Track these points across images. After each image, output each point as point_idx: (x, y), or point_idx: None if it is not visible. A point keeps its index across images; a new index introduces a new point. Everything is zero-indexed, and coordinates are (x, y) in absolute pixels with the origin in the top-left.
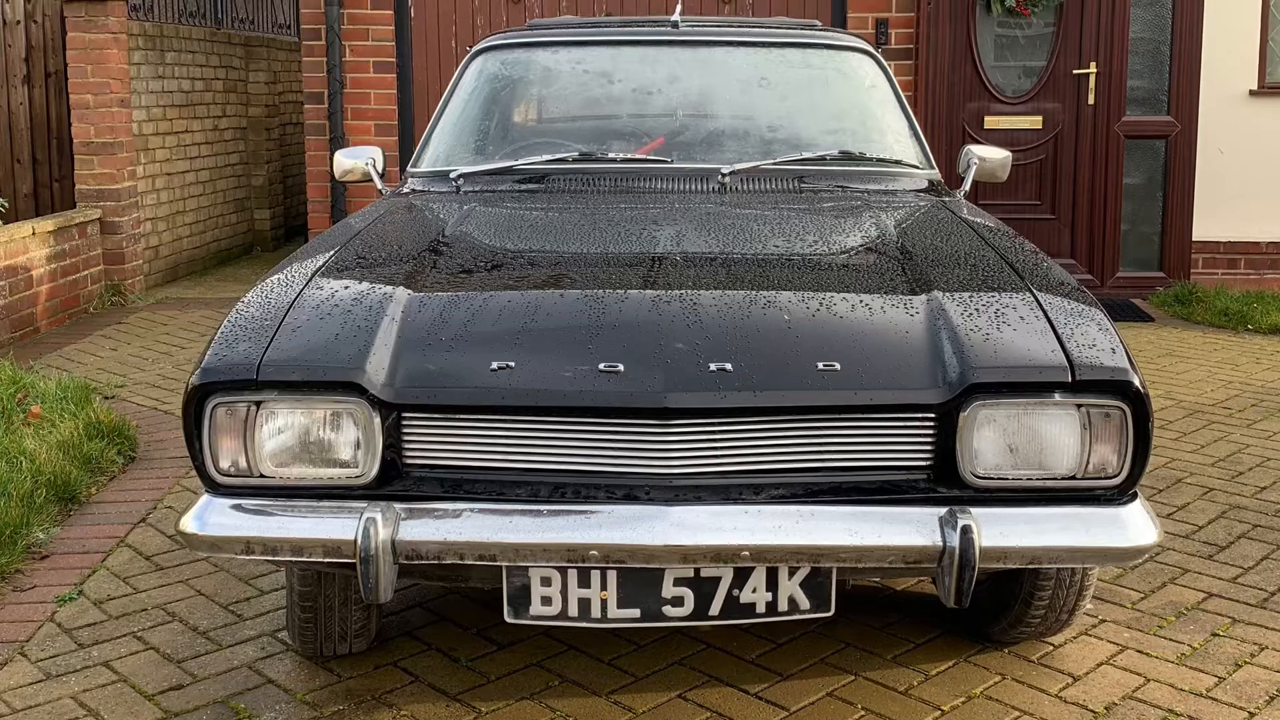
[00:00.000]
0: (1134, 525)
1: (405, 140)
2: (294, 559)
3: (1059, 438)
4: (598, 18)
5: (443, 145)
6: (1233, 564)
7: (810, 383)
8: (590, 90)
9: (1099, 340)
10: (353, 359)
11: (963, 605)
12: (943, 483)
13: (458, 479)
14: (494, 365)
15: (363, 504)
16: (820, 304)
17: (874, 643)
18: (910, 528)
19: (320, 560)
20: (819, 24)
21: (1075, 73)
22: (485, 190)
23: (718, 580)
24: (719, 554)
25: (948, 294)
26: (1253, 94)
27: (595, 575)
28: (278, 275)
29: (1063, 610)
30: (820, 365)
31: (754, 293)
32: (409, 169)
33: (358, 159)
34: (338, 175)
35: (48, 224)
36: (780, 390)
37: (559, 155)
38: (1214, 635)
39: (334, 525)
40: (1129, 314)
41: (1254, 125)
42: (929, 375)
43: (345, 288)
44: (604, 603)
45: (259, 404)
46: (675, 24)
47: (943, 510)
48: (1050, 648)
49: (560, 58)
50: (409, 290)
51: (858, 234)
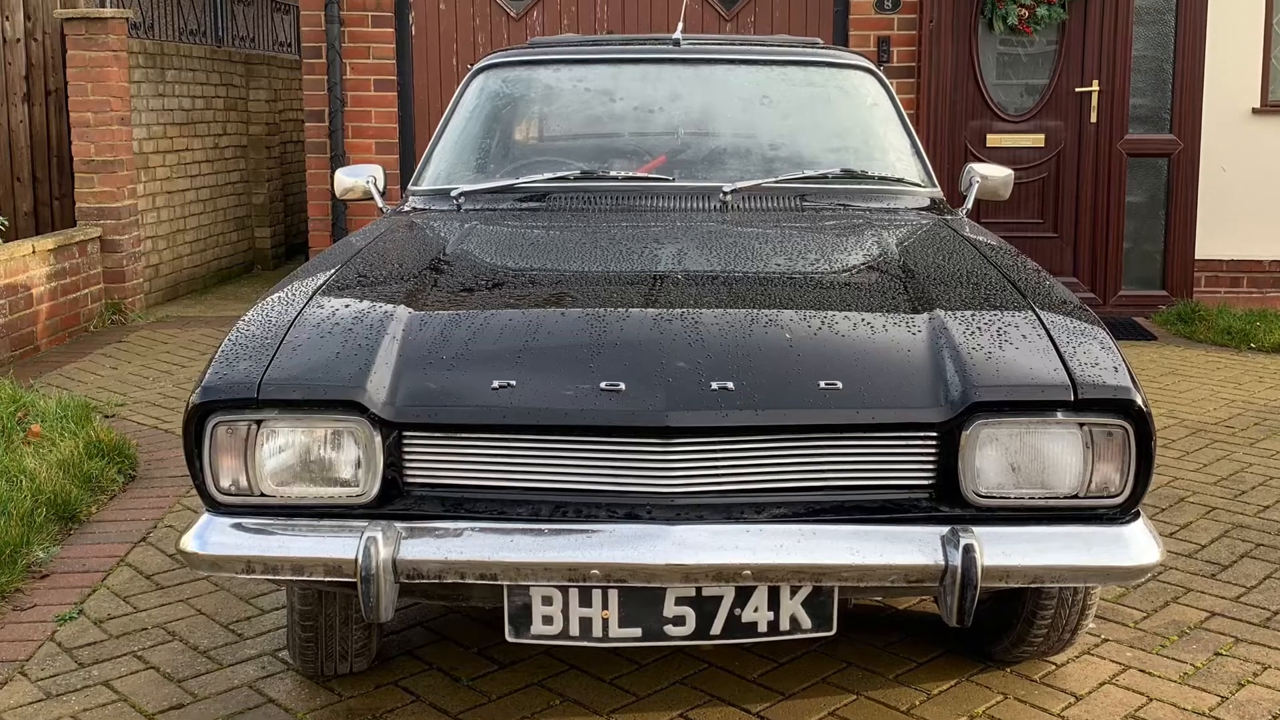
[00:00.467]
0: (1136, 544)
1: (406, 158)
2: (295, 578)
3: (1061, 456)
4: (599, 36)
5: (444, 163)
6: (1235, 583)
7: (812, 401)
8: (591, 108)
9: (1101, 359)
10: (353, 378)
11: (965, 624)
12: (945, 502)
13: (459, 498)
14: (495, 384)
15: (363, 523)
16: (822, 322)
17: (876, 662)
18: (912, 547)
19: (321, 579)
20: (821, 42)
21: (1078, 91)
22: (486, 208)
23: (719, 599)
24: (720, 573)
25: (950, 312)
26: (1255, 112)
27: (596, 594)
28: (278, 294)
29: (1065, 629)
30: (822, 384)
31: (756, 311)
32: (410, 187)
33: (358, 177)
34: (338, 193)
35: (48, 242)
36: (782, 409)
37: (560, 174)
38: (1217, 654)
39: (335, 544)
40: (1132, 333)
41: (1257, 143)
42: (931, 394)
43: (346, 306)
44: (605, 622)
45: (260, 423)
46: (677, 42)
47: (945, 529)
48: (1053, 667)
49: (561, 76)
50: (410, 309)
51: (859, 252)
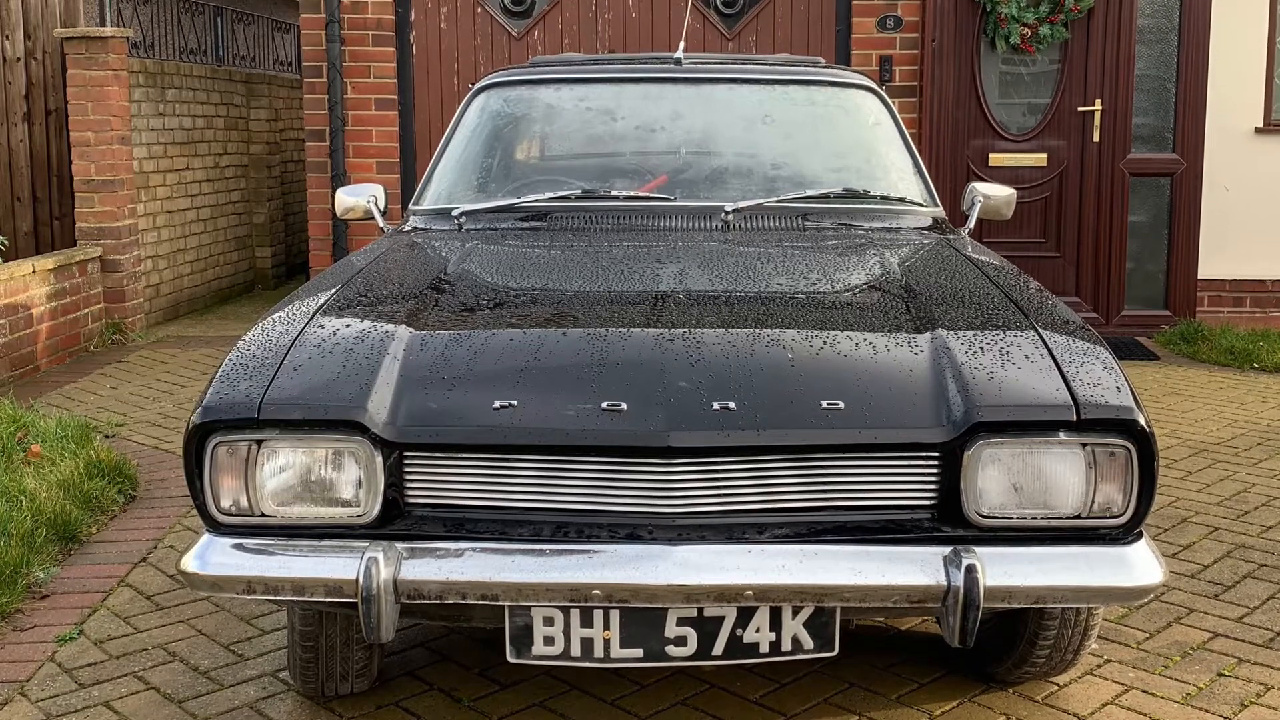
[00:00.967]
0: (1139, 564)
1: (407, 178)
2: (295, 598)
3: (1064, 477)
4: (600, 55)
5: (445, 183)
6: (1238, 603)
7: (814, 421)
8: (593, 128)
9: (1104, 379)
10: (354, 398)
11: (967, 645)
12: (947, 522)
13: (460, 518)
14: (496, 404)
15: (364, 543)
16: (824, 342)
17: (878, 683)
18: (914, 567)
19: (322, 600)
20: (823, 61)
21: (1080, 110)
22: (487, 228)
23: (721, 620)
24: (722, 594)
25: (952, 332)
26: (1258, 131)
27: (598, 615)
28: (279, 313)
29: (1068, 650)
30: (824, 404)
31: (757, 331)
32: (411, 207)
33: (359, 197)
34: (339, 213)
35: (48, 262)
36: (784, 429)
37: (561, 193)
38: (1220, 675)
39: (335, 565)
40: (1134, 352)
41: (1259, 163)
42: (933, 414)
43: (347, 326)
44: (607, 642)
45: (260, 443)
46: (678, 61)
47: (947, 550)
48: (1055, 687)
49: (563, 95)
50: (411, 329)
51: (862, 272)
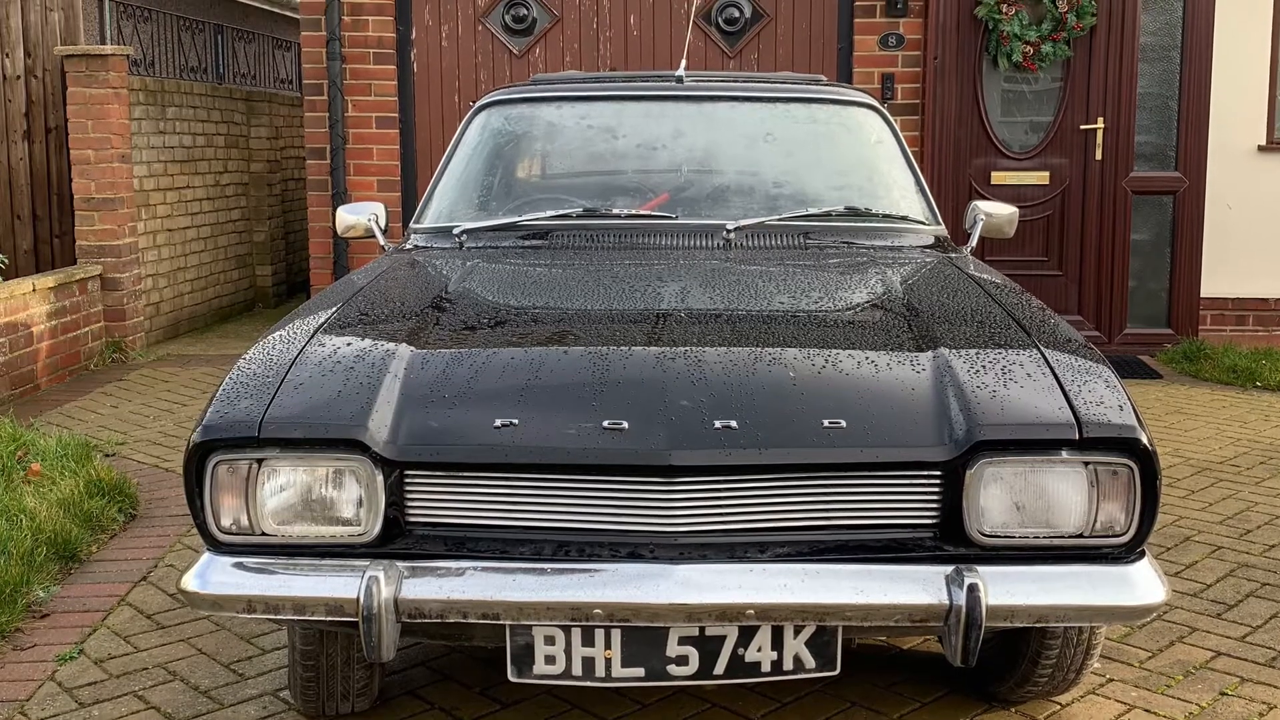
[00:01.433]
0: (1142, 583)
1: (408, 196)
2: (296, 618)
3: (1066, 495)
4: (602, 72)
5: (446, 201)
6: (1241, 622)
7: (816, 440)
8: (594, 145)
9: (1106, 397)
10: (355, 416)
11: (969, 664)
12: (949, 541)
13: (461, 537)
14: (497, 422)
15: (365, 562)
16: (826, 361)
17: (880, 702)
18: (916, 586)
19: (322, 619)
20: (824, 78)
21: (1083, 128)
22: (488, 246)
23: (723, 639)
24: (724, 613)
25: (954, 351)
26: (1261, 150)
27: (599, 634)
28: (280, 332)
29: (1070, 669)
30: (826, 423)
31: (759, 349)
32: (412, 225)
33: (360, 215)
34: (340, 231)
35: (48, 280)
36: (785, 448)
37: (563, 211)
38: (1222, 694)
39: (336, 584)
40: (1137, 371)
41: (1262, 181)
42: (935, 432)
43: (348, 344)
44: (608, 662)
45: (261, 461)
46: (680, 79)
47: (949, 569)
48: (1058, 707)
49: (564, 113)
50: (412, 347)
51: (863, 290)
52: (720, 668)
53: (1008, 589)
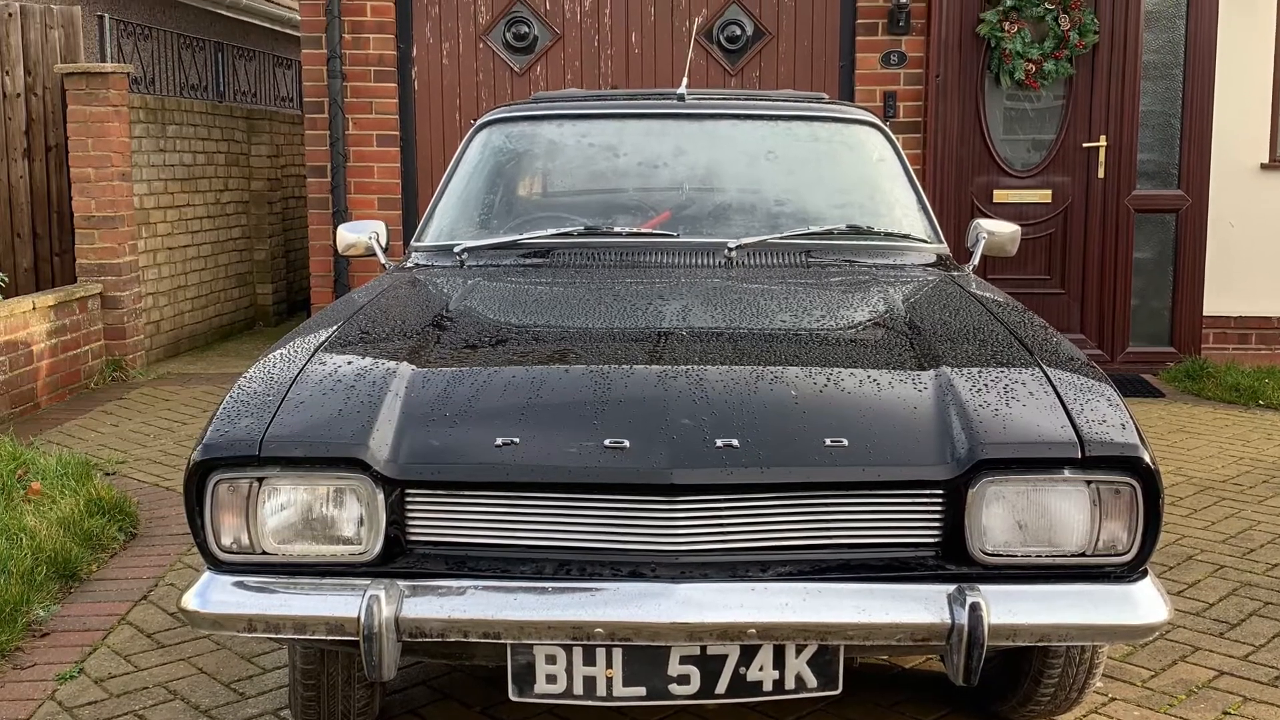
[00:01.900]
0: (1144, 602)
1: (409, 214)
2: (297, 637)
3: (1069, 514)
4: (603, 90)
5: (446, 219)
6: (1244, 642)
7: (818, 459)
8: (596, 163)
9: (1109, 416)
10: (356, 435)
11: (971, 683)
12: (951, 559)
13: (462, 556)
14: (498, 441)
15: (366, 581)
16: (828, 379)
17: None
18: (918, 605)
19: (323, 638)
20: (826, 96)
21: (1085, 146)
22: (489, 264)
23: (724, 658)
24: (725, 632)
25: (956, 369)
26: (1264, 167)
27: (600, 653)
28: (280, 350)
29: (1072, 688)
30: (828, 441)
31: (761, 368)
32: (412, 243)
33: (361, 233)
34: (341, 249)
35: (48, 299)
36: (787, 466)
37: (564, 230)
38: (1225, 714)
39: (337, 603)
40: (1139, 389)
41: (1265, 199)
42: (937, 451)
43: (348, 363)
44: (609, 681)
45: (261, 480)
46: (681, 97)
47: (951, 587)
48: None
49: (565, 131)
50: (413, 365)
51: (865, 309)
52: (722, 687)
53: (1010, 608)
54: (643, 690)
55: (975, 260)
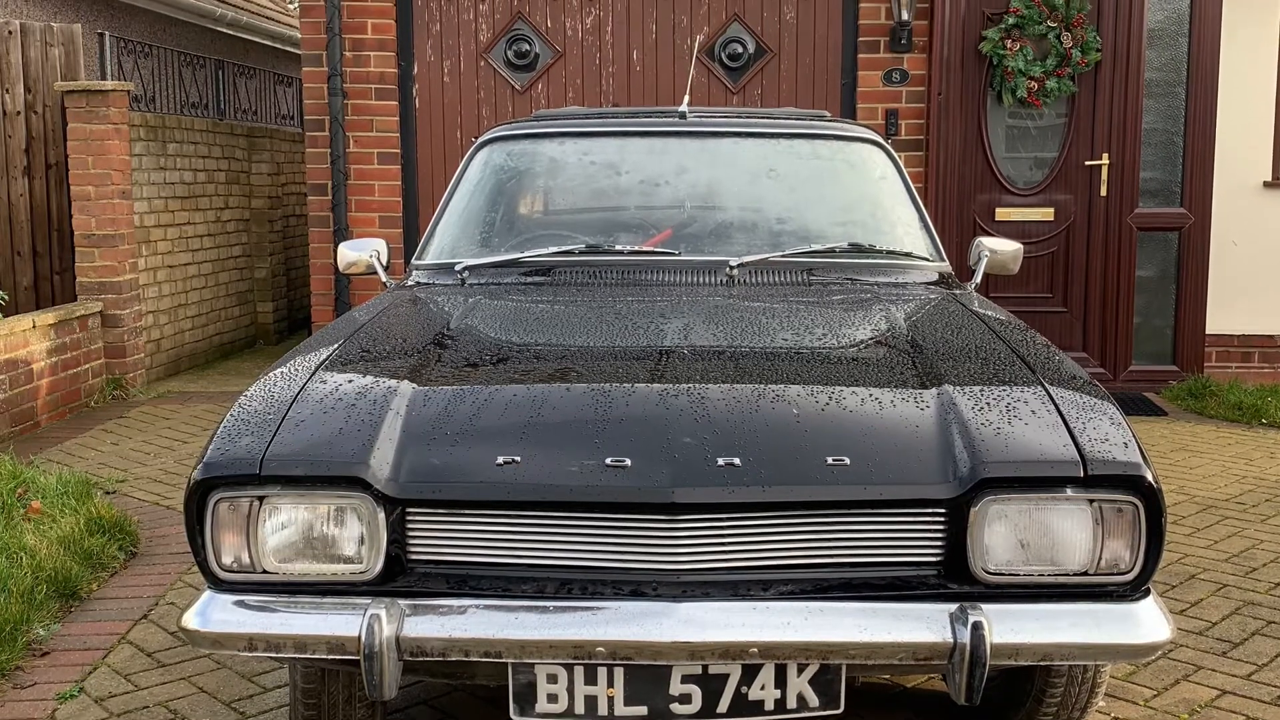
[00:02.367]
0: (1147, 622)
1: (410, 232)
2: (297, 656)
3: (1071, 533)
4: (604, 108)
5: (448, 237)
6: (1246, 661)
7: (819, 478)
8: (597, 181)
9: (1111, 435)
10: (357, 454)
11: (974, 703)
12: (953, 578)
13: (463, 574)
14: (499, 460)
15: (367, 600)
16: (829, 398)
17: None
18: (921, 624)
19: (324, 657)
20: (828, 114)
21: (1087, 164)
22: (491, 283)
23: (726, 677)
24: (727, 651)
25: (958, 388)
26: (1267, 185)
27: (602, 672)
28: (281, 369)
29: (1074, 708)
30: (830, 460)
31: (762, 386)
32: (413, 261)
33: (361, 251)
34: (341, 268)
35: (48, 317)
36: (789, 485)
37: (565, 248)
38: None
39: (338, 622)
40: (1142, 408)
41: (1268, 217)
42: (940, 470)
43: (349, 381)
44: (611, 700)
45: (262, 499)
46: (682, 114)
47: (953, 606)
48: None
49: (566, 149)
50: (414, 384)
51: (867, 327)
52: (723, 706)
53: (1012, 627)
54: (644, 710)
55: (977, 278)
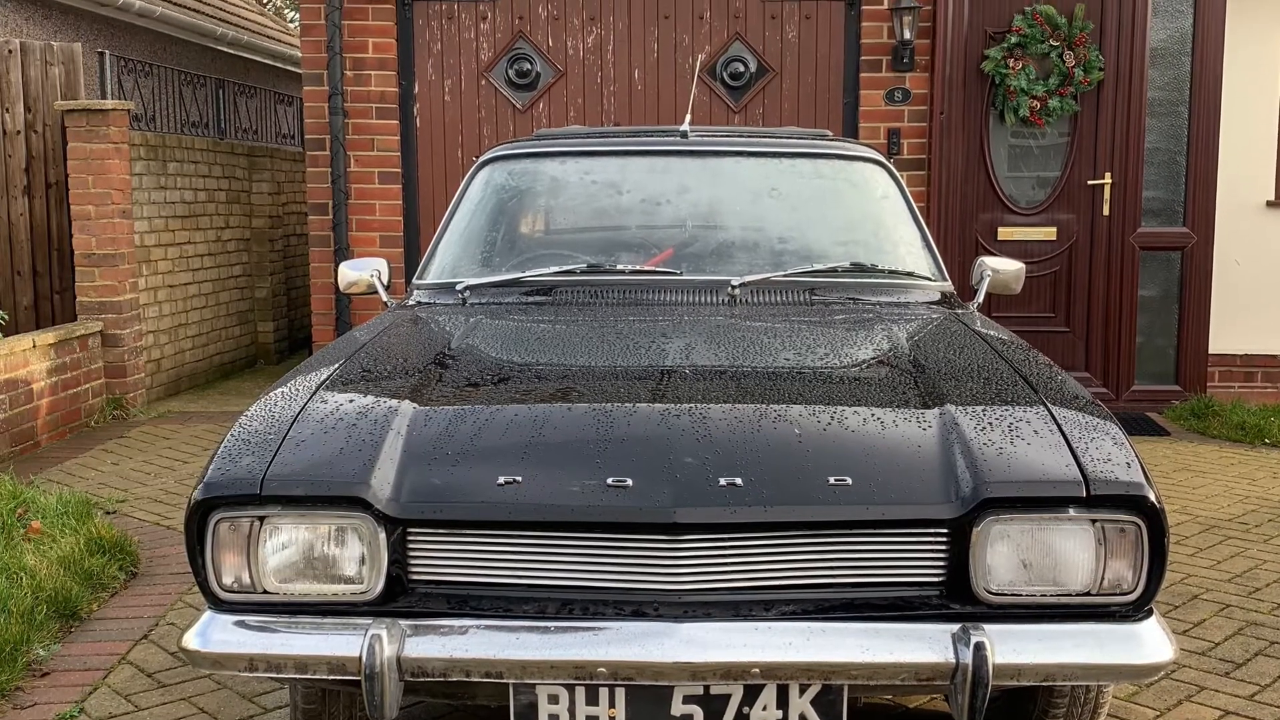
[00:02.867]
0: (1149, 642)
1: (411, 251)
2: (298, 676)
3: (1073, 553)
4: (606, 127)
5: (448, 257)
6: (1249, 681)
7: (821, 498)
8: (598, 201)
9: (1114, 455)
10: (357, 474)
11: None
12: (955, 599)
13: (464, 595)
14: (501, 480)
15: (368, 620)
16: (831, 418)
17: None
18: (923, 645)
19: (325, 678)
20: (830, 133)
21: (1090, 183)
22: (492, 302)
23: (728, 698)
24: (729, 671)
25: (960, 408)
26: (1270, 205)
27: (603, 692)
28: (282, 389)
29: None
30: (831, 480)
31: (764, 406)
32: (414, 281)
33: (362, 271)
34: (342, 287)
35: (48, 337)
36: (791, 505)
37: (567, 267)
38: None
39: (339, 642)
40: (1144, 428)
41: (1271, 236)
42: (942, 490)
43: (350, 401)
44: None
45: (263, 519)
46: (684, 134)
47: (956, 627)
48: None
49: (568, 168)
50: (414, 404)
51: (869, 347)
52: None
53: (1014, 647)
54: None
55: (980, 298)
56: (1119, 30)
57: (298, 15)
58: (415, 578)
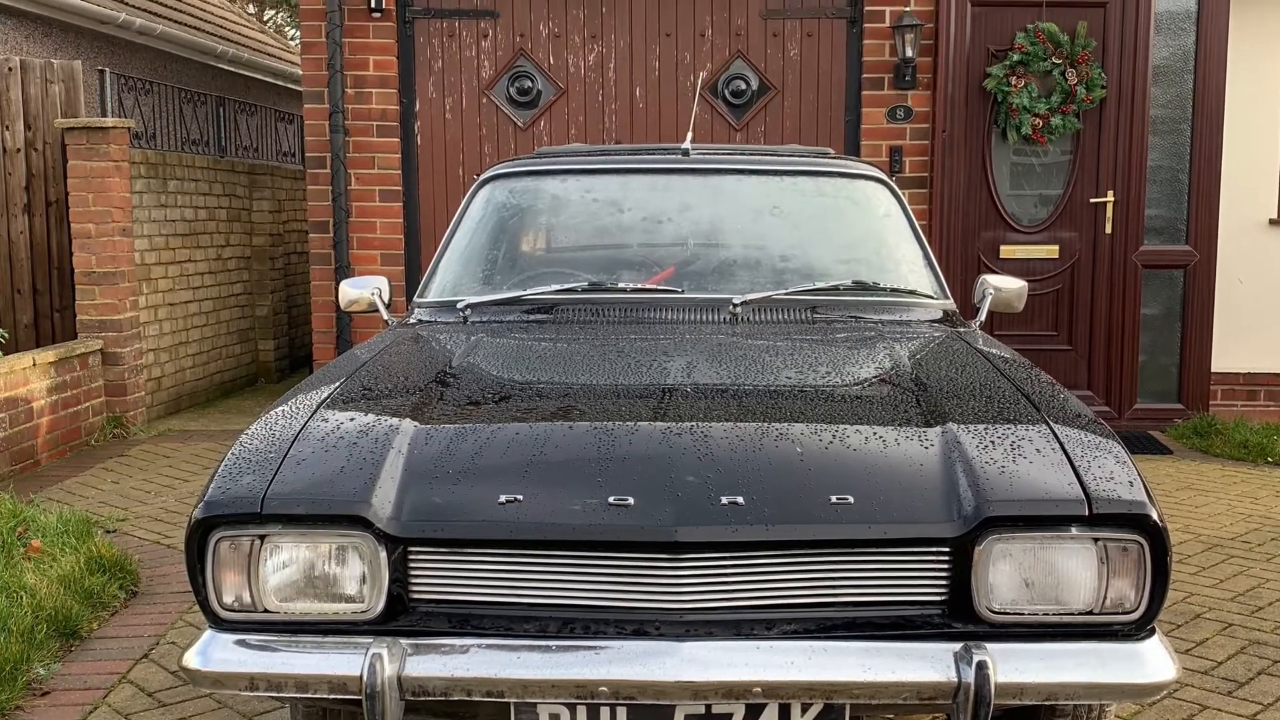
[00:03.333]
0: (1152, 661)
1: (412, 270)
2: (299, 695)
3: (1076, 572)
4: (607, 145)
5: (449, 275)
6: (1252, 700)
7: (823, 516)
8: (600, 219)
9: (1116, 473)
10: (358, 492)
11: None
12: (958, 617)
13: (465, 614)
14: (502, 498)
15: (368, 639)
16: (833, 436)
17: None
18: (925, 664)
19: (325, 697)
20: (832, 151)
21: (1092, 201)
22: (493, 321)
23: (729, 717)
24: (730, 690)
25: (963, 426)
26: (1273, 223)
27: (605, 712)
28: (282, 407)
29: None
30: (833, 499)
31: (766, 425)
32: (415, 299)
33: (363, 289)
34: (343, 305)
35: (48, 355)
36: (792, 524)
37: (568, 285)
38: None
39: (339, 661)
40: (1147, 446)
41: (1273, 255)
42: (944, 508)
43: (351, 420)
44: None
45: (263, 538)
46: (686, 152)
47: (958, 646)
48: None
49: (569, 186)
50: (415, 422)
51: (871, 365)
52: None
53: (1016, 666)
54: None
55: (982, 316)
56: (1121, 48)
57: (298, 33)
58: (416, 596)
